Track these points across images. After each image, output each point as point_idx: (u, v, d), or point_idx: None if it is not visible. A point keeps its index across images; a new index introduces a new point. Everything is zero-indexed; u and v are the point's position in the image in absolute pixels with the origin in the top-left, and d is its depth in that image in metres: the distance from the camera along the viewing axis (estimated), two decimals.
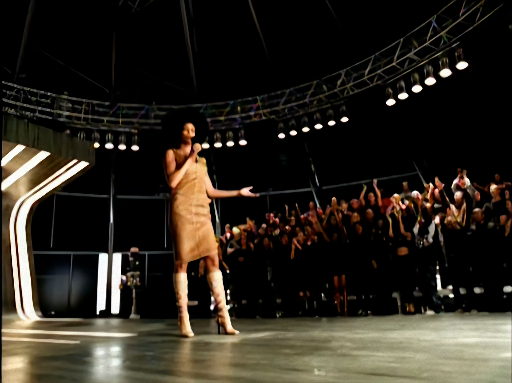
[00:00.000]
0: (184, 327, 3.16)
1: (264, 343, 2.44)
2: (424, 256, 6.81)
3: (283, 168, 14.31)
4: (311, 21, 10.62)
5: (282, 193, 13.87)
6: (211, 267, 3.25)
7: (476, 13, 7.66)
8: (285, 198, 13.03)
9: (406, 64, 8.99)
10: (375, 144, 11.21)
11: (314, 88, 10.56)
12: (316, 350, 2.02)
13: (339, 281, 7.48)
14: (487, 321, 3.50)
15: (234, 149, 11.88)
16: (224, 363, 1.77)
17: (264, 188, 14.11)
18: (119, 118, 11.25)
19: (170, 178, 3.28)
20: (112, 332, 4.04)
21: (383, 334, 2.60)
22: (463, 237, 6.76)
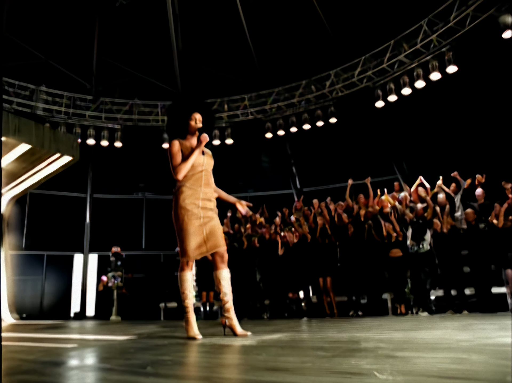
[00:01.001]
0: (191, 328, 2.97)
1: (286, 345, 2.29)
2: (417, 258, 6.83)
3: (264, 169, 14.22)
4: (301, 20, 10.56)
5: (262, 195, 13.76)
6: (220, 264, 3.07)
7: (467, 18, 7.76)
8: (265, 199, 12.97)
9: (396, 66, 9.03)
10: (358, 146, 11.24)
11: (303, 88, 10.49)
12: (353, 352, 1.88)
13: (324, 283, 7.41)
14: (499, 321, 3.46)
15: (219, 148, 11.69)
16: (261, 367, 1.61)
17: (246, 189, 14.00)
18: (102, 113, 10.87)
19: (176, 170, 3.08)
20: (105, 334, 3.79)
21: (407, 334, 2.49)
22: (453, 238, 6.82)
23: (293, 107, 10.79)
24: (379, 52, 9.23)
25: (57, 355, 2.30)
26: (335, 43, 10.09)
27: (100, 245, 13.28)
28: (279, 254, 7.98)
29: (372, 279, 7.14)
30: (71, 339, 3.31)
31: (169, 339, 3.02)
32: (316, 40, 10.33)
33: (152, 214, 14.17)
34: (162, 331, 3.86)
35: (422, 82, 8.55)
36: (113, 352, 2.37)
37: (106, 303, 10.19)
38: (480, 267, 6.51)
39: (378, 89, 9.35)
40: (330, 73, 10.11)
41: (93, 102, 10.77)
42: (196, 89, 11.79)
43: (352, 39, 9.55)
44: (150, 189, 14.35)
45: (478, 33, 7.72)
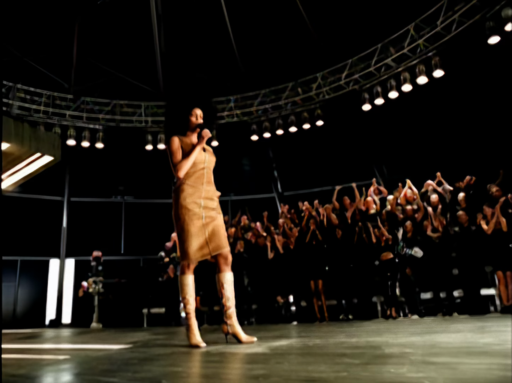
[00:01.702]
0: (193, 336, 2.79)
1: (304, 352, 2.15)
2: (406, 261, 6.83)
3: (245, 173, 14.09)
4: (286, 23, 10.52)
5: (244, 199, 13.63)
6: (223, 266, 2.91)
7: (453, 24, 7.87)
8: (246, 203, 12.85)
9: (383, 70, 9.08)
10: (341, 150, 11.25)
11: (290, 90, 10.44)
12: (382, 358, 1.76)
13: (315, 286, 7.32)
14: (504, 323, 3.41)
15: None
16: (296, 379, 1.47)
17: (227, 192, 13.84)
18: (83, 113, 10.52)
19: (177, 167, 2.91)
20: (95, 343, 3.56)
21: (425, 338, 2.39)
22: (444, 240, 6.85)
23: (279, 110, 10.72)
24: (366, 56, 9.27)
25: (50, 368, 2.09)
26: (320, 46, 10.09)
27: (77, 250, 12.85)
28: (269, 258, 7.85)
29: (361, 283, 7.10)
30: (60, 350, 3.07)
31: (169, 347, 2.83)
32: (303, 43, 10.30)
33: (131, 218, 13.82)
34: (156, 339, 3.65)
35: (409, 86, 8.61)
36: (114, 363, 2.17)
37: (86, 310, 9.81)
38: (469, 269, 6.55)
39: (365, 93, 9.37)
40: (316, 75, 10.09)
41: (73, 102, 10.40)
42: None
43: (339, 42, 9.55)
44: (130, 193, 13.99)
45: (464, 38, 7.83)
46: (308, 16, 9.94)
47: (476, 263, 6.53)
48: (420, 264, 6.74)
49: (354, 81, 9.57)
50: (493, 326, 2.90)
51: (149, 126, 11.12)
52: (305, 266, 7.49)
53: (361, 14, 8.89)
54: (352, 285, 7.06)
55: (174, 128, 3.14)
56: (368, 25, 8.81)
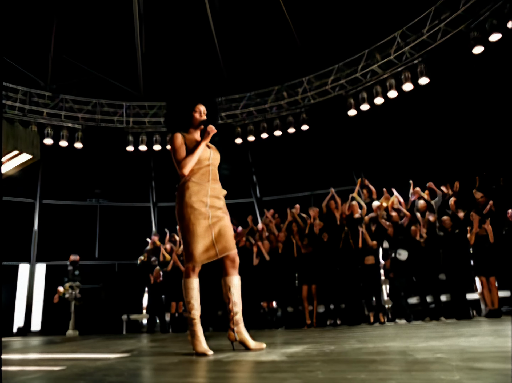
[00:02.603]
0: (199, 343, 2.62)
1: (329, 358, 2.03)
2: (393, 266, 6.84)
3: (225, 177, 13.91)
4: (272, 27, 10.49)
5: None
6: (231, 269, 2.77)
7: (438, 32, 8.02)
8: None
9: (369, 76, 9.16)
10: (320, 155, 11.26)
11: (275, 94, 10.39)
12: (422, 364, 1.66)
13: (308, 291, 7.24)
14: (502, 326, 3.41)
15: None
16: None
17: None
18: (62, 111, 10.12)
19: (181, 164, 2.76)
20: (86, 352, 3.33)
21: (445, 342, 2.32)
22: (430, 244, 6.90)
23: (265, 113, 10.65)
24: (352, 61, 9.33)
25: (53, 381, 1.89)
26: (309, 50, 10.08)
27: (49, 255, 12.35)
28: (254, 264, 7.71)
29: (349, 287, 7.06)
30: (50, 360, 2.84)
31: (173, 356, 2.66)
32: (289, 47, 10.29)
33: (106, 222, 13.41)
34: (152, 347, 3.45)
35: (395, 92, 8.71)
36: (121, 374, 1.99)
37: (61, 317, 9.38)
38: (455, 274, 6.61)
39: (351, 98, 9.42)
40: (303, 80, 10.09)
41: (52, 99, 10.00)
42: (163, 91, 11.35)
43: (325, 47, 9.59)
44: (106, 196, 13.58)
45: (449, 47, 7.99)
46: (295, 20, 9.94)
47: (461, 268, 6.60)
48: (406, 268, 6.77)
49: (340, 86, 9.62)
50: (504, 330, 2.87)
51: (131, 127, 10.83)
52: (296, 271, 7.40)
53: (348, 20, 8.95)
54: (340, 290, 7.00)
55: (176, 125, 2.99)
56: (355, 31, 8.88)
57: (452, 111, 8.51)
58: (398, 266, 6.79)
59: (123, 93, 11.29)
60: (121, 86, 11.68)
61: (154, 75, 12.02)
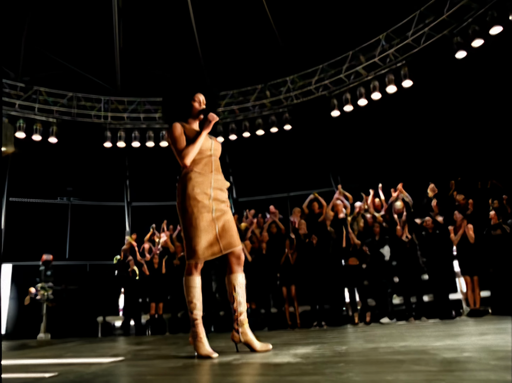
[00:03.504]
0: (202, 345, 2.46)
1: (351, 359, 1.93)
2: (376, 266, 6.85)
3: None
4: (257, 26, 10.38)
5: None
6: (236, 266, 2.62)
7: (422, 36, 8.13)
8: None
9: (352, 77, 9.19)
10: (299, 156, 11.23)
11: (258, 93, 10.29)
12: (459, 364, 1.58)
13: (288, 292, 7.16)
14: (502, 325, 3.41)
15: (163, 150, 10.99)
16: None
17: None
18: (36, 103, 9.65)
19: (182, 154, 2.60)
20: (73, 357, 3.09)
21: (460, 340, 2.26)
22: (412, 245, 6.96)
23: (247, 112, 10.53)
24: (337, 62, 9.35)
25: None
26: (287, 52, 10.03)
27: (15, 254, 11.78)
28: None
29: (333, 288, 7.03)
30: (37, 365, 2.61)
31: (173, 359, 2.48)
32: (273, 46, 10.20)
33: (78, 221, 12.94)
34: (143, 350, 3.25)
35: (378, 94, 8.78)
36: (129, 380, 1.82)
37: (31, 319, 8.92)
38: (438, 274, 6.69)
39: (334, 99, 9.43)
40: (286, 79, 10.03)
41: (25, 91, 9.51)
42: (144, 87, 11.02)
43: (310, 47, 9.56)
44: (78, 194, 13.11)
45: (432, 51, 8.11)
46: (279, 20, 9.87)
47: (443, 268, 6.69)
48: (390, 268, 6.80)
49: (323, 87, 9.61)
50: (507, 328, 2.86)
51: (109, 122, 10.46)
52: (277, 272, 7.32)
53: (333, 21, 8.96)
54: (324, 291, 6.95)
55: (175, 115, 2.83)
56: (340, 32, 8.89)
57: (434, 114, 8.65)
58: (382, 266, 6.81)
59: (101, 87, 10.90)
60: (96, 81, 11.27)
61: (132, 71, 11.67)
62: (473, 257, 6.48)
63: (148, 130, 10.61)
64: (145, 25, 11.94)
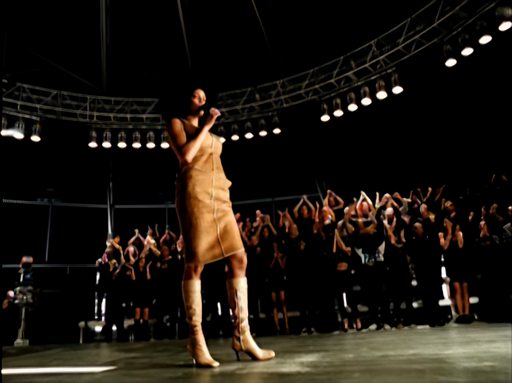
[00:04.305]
0: (202, 354, 2.33)
1: (366, 369, 1.83)
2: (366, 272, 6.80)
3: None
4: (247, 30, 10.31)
5: None
6: (238, 270, 2.50)
7: (413, 44, 8.20)
8: None
9: (343, 82, 9.20)
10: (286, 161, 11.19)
11: (248, 96, 10.20)
12: (483, 373, 1.50)
13: (277, 297, 7.06)
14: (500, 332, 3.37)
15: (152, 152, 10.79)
16: None
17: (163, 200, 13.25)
18: (18, 100, 9.34)
19: (183, 150, 2.48)
20: (59, 366, 2.91)
21: (469, 348, 2.19)
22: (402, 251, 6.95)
23: (236, 114, 10.42)
24: (328, 67, 9.35)
25: None
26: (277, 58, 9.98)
27: None
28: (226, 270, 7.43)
29: (322, 294, 6.95)
30: (24, 375, 2.42)
31: (171, 368, 2.34)
32: (263, 49, 10.14)
33: (58, 223, 12.60)
34: (134, 357, 3.09)
35: (368, 100, 8.80)
36: None
37: (8, 324, 8.56)
38: (427, 280, 6.68)
39: (324, 103, 9.42)
40: (276, 82, 9.98)
41: (7, 87, 9.20)
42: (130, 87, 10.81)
43: (301, 52, 9.54)
44: (59, 196, 12.77)
45: (422, 58, 8.19)
46: (270, 22, 9.82)
47: (433, 274, 6.69)
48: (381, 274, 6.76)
49: (314, 91, 9.59)
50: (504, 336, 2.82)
51: (94, 122, 10.20)
52: (266, 277, 7.21)
53: (325, 26, 8.96)
54: (313, 296, 6.86)
55: (174, 112, 2.71)
56: (332, 37, 8.90)
57: (423, 121, 8.72)
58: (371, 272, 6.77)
59: (87, 86, 10.64)
60: (81, 80, 11.00)
61: (120, 70, 11.44)
62: (462, 263, 6.50)
63: (134, 131, 10.39)
64: (133, 24, 11.73)
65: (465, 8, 7.37)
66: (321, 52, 9.23)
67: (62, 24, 10.91)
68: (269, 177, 11.57)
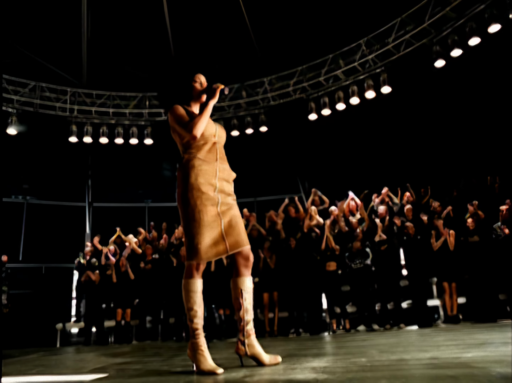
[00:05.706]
0: (204, 360, 2.14)
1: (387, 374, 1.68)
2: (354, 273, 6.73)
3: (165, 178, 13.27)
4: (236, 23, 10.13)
5: (161, 206, 12.84)
6: (243, 269, 2.32)
7: (402, 44, 8.19)
8: (164, 211, 12.18)
9: (331, 81, 9.13)
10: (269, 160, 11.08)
11: (234, 93, 10.01)
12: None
13: (270, 298, 6.92)
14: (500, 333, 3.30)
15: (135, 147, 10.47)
16: None
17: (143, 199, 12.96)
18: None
19: (190, 125, 2.29)
20: (42, 373, 2.66)
21: (489, 351, 2.08)
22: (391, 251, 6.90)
23: (222, 111, 10.22)
24: (316, 65, 9.25)
25: None
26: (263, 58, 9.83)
27: None
28: (212, 270, 7.23)
29: (311, 294, 6.84)
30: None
31: (169, 376, 2.15)
32: (250, 46, 9.98)
33: (33, 221, 12.15)
34: (124, 363, 2.87)
35: (357, 99, 8.75)
36: None
37: None
38: (417, 280, 6.65)
39: (312, 102, 9.33)
40: (264, 80, 9.83)
41: None
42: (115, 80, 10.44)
43: (290, 49, 9.41)
44: (34, 193, 12.31)
45: (411, 58, 8.19)
46: (258, 19, 9.66)
47: (423, 274, 6.66)
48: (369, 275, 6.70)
49: (301, 89, 9.49)
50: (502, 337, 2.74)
51: (75, 116, 9.81)
52: (255, 277, 7.05)
53: (314, 23, 8.86)
54: (302, 297, 6.74)
55: (175, 97, 2.52)
56: (321, 35, 8.81)
57: (411, 121, 8.72)
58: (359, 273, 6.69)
59: (67, 79, 10.23)
60: (60, 72, 10.58)
61: (102, 63, 11.06)
62: (451, 264, 6.49)
63: (117, 126, 10.05)
64: (116, 17, 11.39)
65: (455, 9, 7.39)
66: (310, 50, 9.13)
67: (41, 14, 10.48)
68: (252, 177, 11.42)
